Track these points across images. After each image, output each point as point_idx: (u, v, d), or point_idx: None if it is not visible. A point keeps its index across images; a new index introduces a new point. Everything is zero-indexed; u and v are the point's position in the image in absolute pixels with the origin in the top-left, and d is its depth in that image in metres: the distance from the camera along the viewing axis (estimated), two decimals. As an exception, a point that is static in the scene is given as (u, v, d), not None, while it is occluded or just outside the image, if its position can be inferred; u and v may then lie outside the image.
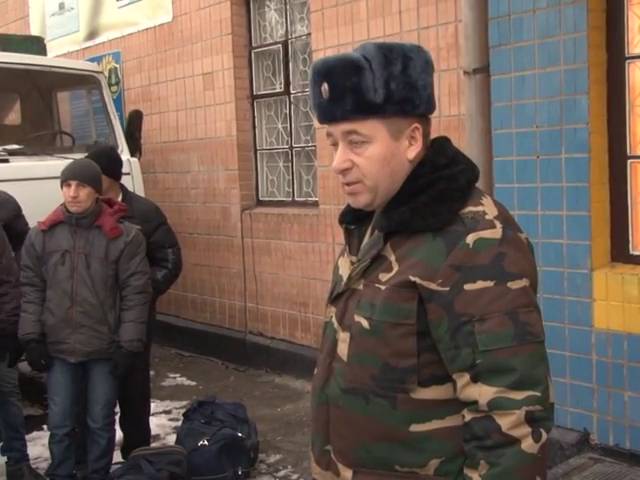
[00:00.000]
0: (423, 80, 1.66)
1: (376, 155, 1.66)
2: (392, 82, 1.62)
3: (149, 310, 4.46)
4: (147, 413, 5.02)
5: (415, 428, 1.63)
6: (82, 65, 7.21)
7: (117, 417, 4.82)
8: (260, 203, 7.33)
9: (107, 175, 4.66)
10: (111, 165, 4.78)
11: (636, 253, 4.31)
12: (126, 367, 4.27)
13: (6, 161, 5.97)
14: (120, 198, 4.77)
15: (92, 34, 8.94)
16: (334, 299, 1.79)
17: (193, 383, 6.93)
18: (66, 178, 4.18)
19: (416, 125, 1.67)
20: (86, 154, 5.00)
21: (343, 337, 1.72)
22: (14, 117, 7.88)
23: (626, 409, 4.20)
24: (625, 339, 4.17)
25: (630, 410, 4.18)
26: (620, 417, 4.23)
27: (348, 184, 1.70)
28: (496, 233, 1.60)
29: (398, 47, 1.67)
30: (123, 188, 4.89)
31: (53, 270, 4.21)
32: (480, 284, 1.56)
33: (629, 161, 4.30)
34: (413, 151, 1.68)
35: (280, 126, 7.14)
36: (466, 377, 1.57)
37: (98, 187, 4.26)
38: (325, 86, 1.64)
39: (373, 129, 1.64)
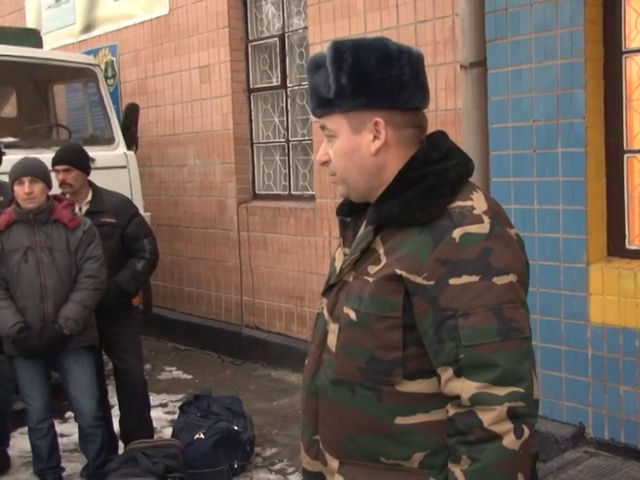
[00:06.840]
0: (382, 73, 1.64)
1: (340, 149, 1.71)
2: (342, 77, 1.64)
3: (147, 302, 4.44)
4: (148, 406, 5.01)
5: (400, 421, 1.64)
6: (78, 58, 7.18)
7: (118, 416, 4.83)
8: (256, 197, 7.33)
9: (81, 170, 4.63)
10: (84, 160, 4.72)
11: (632, 247, 4.32)
12: (49, 343, 4.13)
13: (2, 154, 5.95)
14: (91, 193, 4.70)
15: (88, 27, 8.92)
16: (326, 290, 1.81)
17: (189, 376, 6.94)
18: (18, 175, 4.18)
19: (377, 119, 1.66)
20: (57, 149, 4.94)
21: (333, 328, 1.73)
22: (10, 110, 7.85)
23: (621, 403, 4.21)
24: (621, 333, 4.18)
25: (625, 404, 4.19)
26: (615, 411, 4.24)
27: (332, 175, 1.77)
28: (483, 228, 1.60)
29: (352, 42, 1.67)
30: (92, 184, 4.78)
31: (17, 269, 4.17)
32: (465, 279, 1.56)
33: (625, 155, 4.30)
34: (375, 145, 1.68)
35: (277, 119, 7.13)
36: (449, 371, 1.57)
37: (49, 182, 4.27)
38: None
39: (337, 123, 1.69)
